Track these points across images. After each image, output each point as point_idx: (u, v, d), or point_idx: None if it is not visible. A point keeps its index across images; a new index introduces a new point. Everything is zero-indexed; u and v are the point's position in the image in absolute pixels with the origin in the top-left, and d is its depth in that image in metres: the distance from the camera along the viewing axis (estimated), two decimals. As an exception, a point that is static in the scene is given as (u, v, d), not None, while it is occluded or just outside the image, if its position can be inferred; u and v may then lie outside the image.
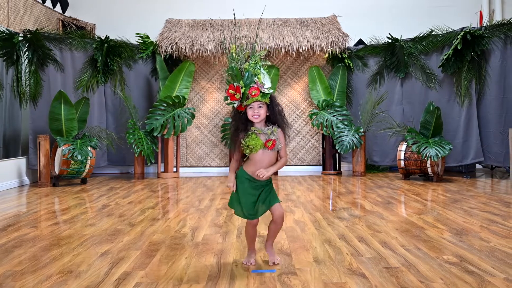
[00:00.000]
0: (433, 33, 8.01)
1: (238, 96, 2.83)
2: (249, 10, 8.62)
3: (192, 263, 3.00)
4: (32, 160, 7.36)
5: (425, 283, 2.55)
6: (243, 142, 2.80)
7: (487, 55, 7.33)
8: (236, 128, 2.86)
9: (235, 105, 2.87)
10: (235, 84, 2.84)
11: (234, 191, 2.86)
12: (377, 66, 8.60)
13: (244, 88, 2.83)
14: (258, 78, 2.84)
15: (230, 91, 2.84)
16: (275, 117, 2.88)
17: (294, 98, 9.00)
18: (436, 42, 7.92)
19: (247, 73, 2.85)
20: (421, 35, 8.16)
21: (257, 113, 2.82)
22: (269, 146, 2.79)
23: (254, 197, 2.83)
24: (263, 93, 2.83)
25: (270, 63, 3.47)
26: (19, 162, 7.25)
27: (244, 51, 2.94)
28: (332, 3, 9.43)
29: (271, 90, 2.88)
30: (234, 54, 2.91)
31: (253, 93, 2.81)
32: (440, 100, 7.73)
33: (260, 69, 2.88)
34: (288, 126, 2.94)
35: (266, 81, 2.86)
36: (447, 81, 7.78)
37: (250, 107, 2.83)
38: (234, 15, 3.31)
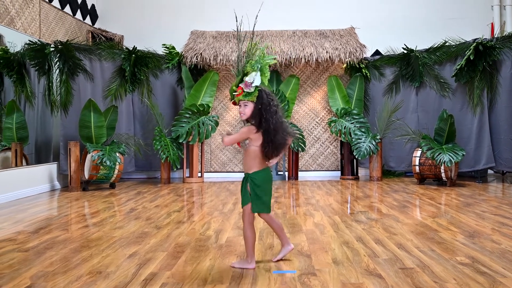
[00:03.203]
0: (447, 44, 8.08)
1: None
2: (272, 22, 8.91)
3: (216, 264, 3.08)
4: (63, 166, 7.46)
5: (439, 283, 2.63)
6: None
7: (498, 65, 7.39)
8: None
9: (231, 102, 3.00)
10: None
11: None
12: (393, 75, 8.70)
13: (234, 86, 2.93)
14: (249, 75, 2.87)
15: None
16: (254, 115, 2.88)
17: (314, 106, 9.16)
18: (449, 53, 7.99)
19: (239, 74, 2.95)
20: (435, 46, 8.23)
21: (241, 111, 2.92)
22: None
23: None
24: (247, 92, 2.86)
25: (274, 57, 3.08)
26: (51, 168, 7.40)
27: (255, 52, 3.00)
28: (350, 15, 9.50)
29: (259, 88, 2.88)
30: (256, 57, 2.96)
31: (237, 92, 2.89)
32: (453, 108, 7.78)
33: (257, 67, 2.90)
34: (266, 122, 2.86)
35: (256, 79, 2.87)
36: (460, 90, 7.85)
37: (239, 105, 2.94)
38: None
